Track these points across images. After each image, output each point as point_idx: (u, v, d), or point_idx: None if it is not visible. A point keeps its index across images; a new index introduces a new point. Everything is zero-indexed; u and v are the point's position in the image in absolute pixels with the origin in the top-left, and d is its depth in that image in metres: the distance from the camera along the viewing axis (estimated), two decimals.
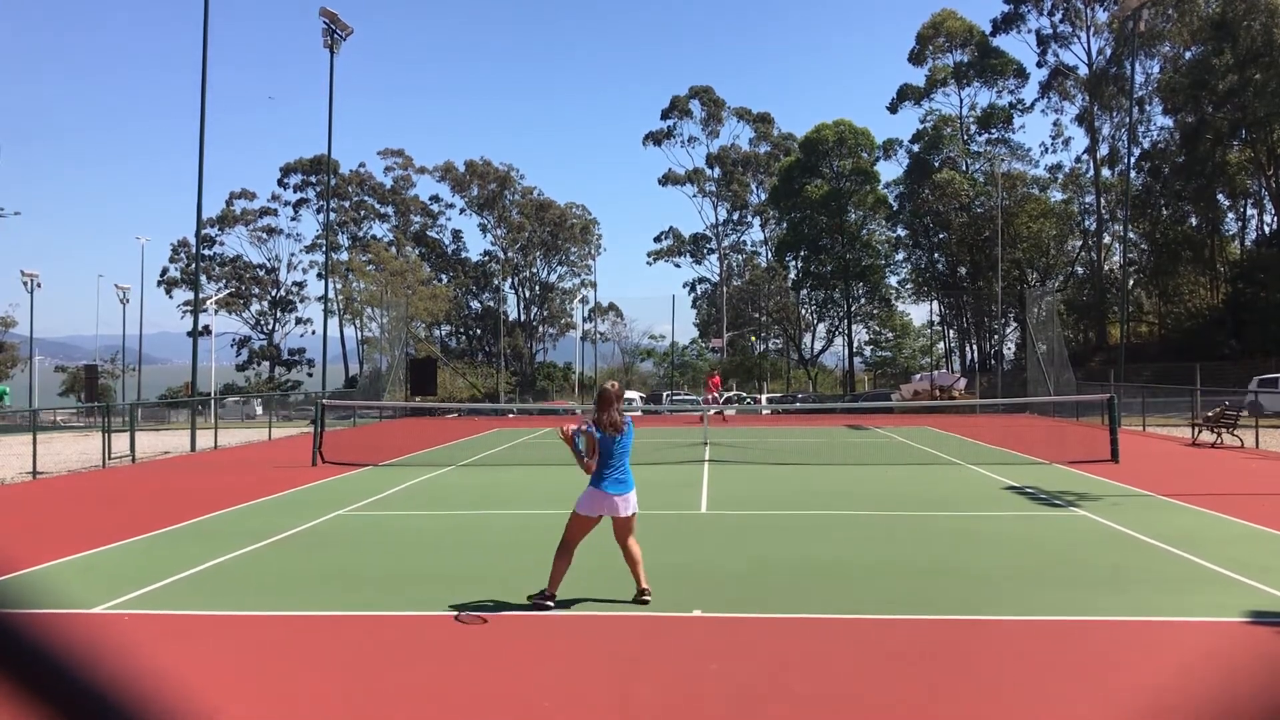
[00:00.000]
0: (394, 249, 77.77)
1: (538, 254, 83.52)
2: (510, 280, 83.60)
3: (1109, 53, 58.87)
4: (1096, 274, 61.68)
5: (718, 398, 36.44)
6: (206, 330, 64.67)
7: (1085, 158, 63.32)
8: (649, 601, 6.80)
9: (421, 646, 5.97)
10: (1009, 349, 64.43)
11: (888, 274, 72.71)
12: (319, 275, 78.82)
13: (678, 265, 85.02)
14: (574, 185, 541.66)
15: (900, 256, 71.58)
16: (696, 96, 79.65)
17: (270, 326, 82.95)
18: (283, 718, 4.82)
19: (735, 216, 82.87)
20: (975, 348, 69.39)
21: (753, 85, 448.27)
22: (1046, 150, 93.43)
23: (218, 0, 52.17)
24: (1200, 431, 21.11)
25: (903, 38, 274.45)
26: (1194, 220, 56.54)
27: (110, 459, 19.03)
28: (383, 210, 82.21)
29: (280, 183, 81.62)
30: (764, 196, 79.18)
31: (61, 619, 6.63)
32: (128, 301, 70.50)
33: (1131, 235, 52.82)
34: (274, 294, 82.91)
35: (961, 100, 66.47)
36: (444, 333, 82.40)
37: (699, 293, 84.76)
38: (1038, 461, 16.92)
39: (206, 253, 77.77)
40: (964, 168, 63.40)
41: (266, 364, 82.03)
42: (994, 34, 64.25)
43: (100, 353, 79.02)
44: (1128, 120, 48.09)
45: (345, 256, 76.05)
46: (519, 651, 5.80)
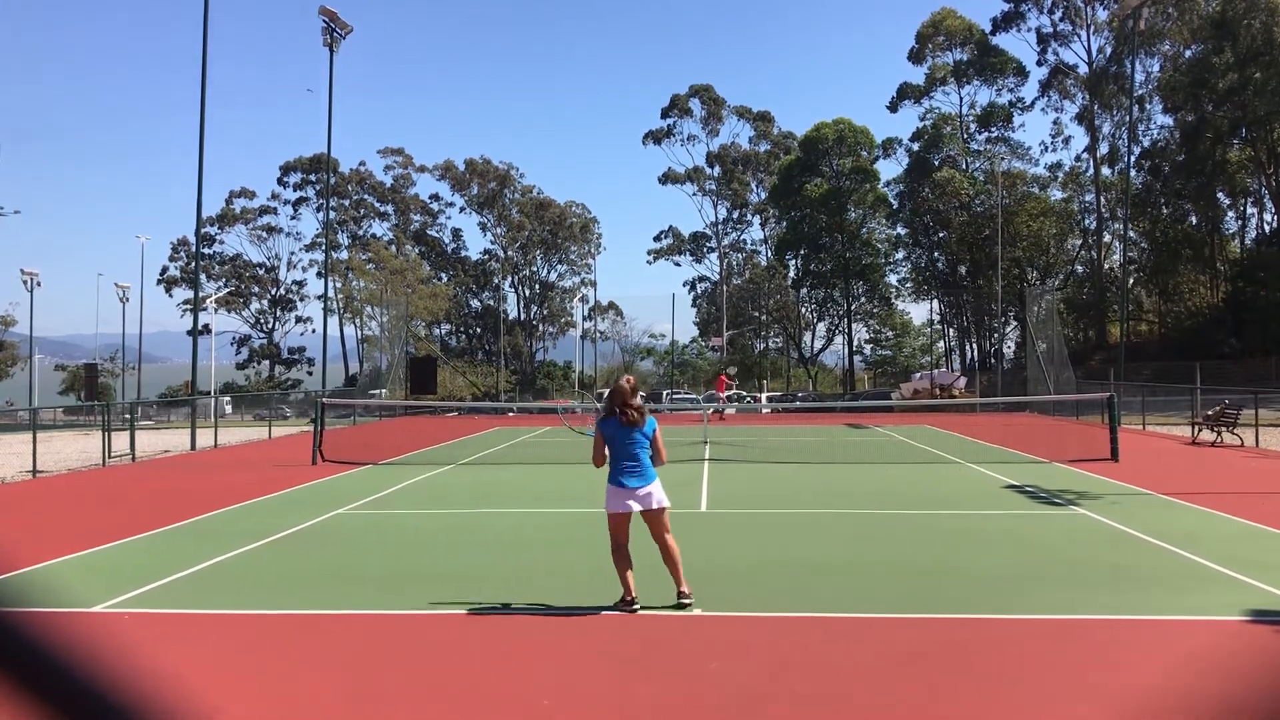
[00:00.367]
0: (394, 248, 77.75)
1: (537, 253, 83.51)
2: (510, 279, 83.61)
3: (1109, 51, 58.90)
4: (1096, 273, 61.69)
5: (724, 397, 36.54)
6: (206, 329, 64.75)
7: (1085, 156, 63.35)
8: (688, 605, 6.55)
9: (421, 646, 5.97)
10: (1009, 348, 64.47)
11: (888, 273, 72.74)
12: (319, 274, 78.84)
13: (678, 264, 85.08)
14: (574, 184, 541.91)
15: (900, 255, 71.61)
16: (696, 95, 79.61)
17: (270, 325, 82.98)
18: (282, 717, 4.82)
19: (735, 215, 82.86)
20: (975, 346, 69.40)
21: (753, 84, 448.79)
22: (1046, 149, 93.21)
23: None
24: (1200, 430, 21.11)
25: (902, 36, 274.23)
26: (1194, 219, 56.56)
27: (110, 458, 19.04)
28: (382, 209, 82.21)
29: (280, 181, 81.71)
30: (764, 195, 79.16)
31: (61, 618, 6.63)
32: (127, 300, 70.55)
33: (1131, 234, 52.83)
34: (274, 293, 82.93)
35: (961, 99, 66.52)
36: (444, 331, 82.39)
37: (699, 291, 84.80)
38: (1037, 460, 16.92)
39: (206, 251, 77.77)
40: (964, 166, 63.39)
41: (266, 363, 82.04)
42: (994, 33, 64.27)
43: (100, 351, 79.01)
44: (1128, 119, 48.11)
45: (345, 255, 76.05)
46: (519, 651, 5.80)
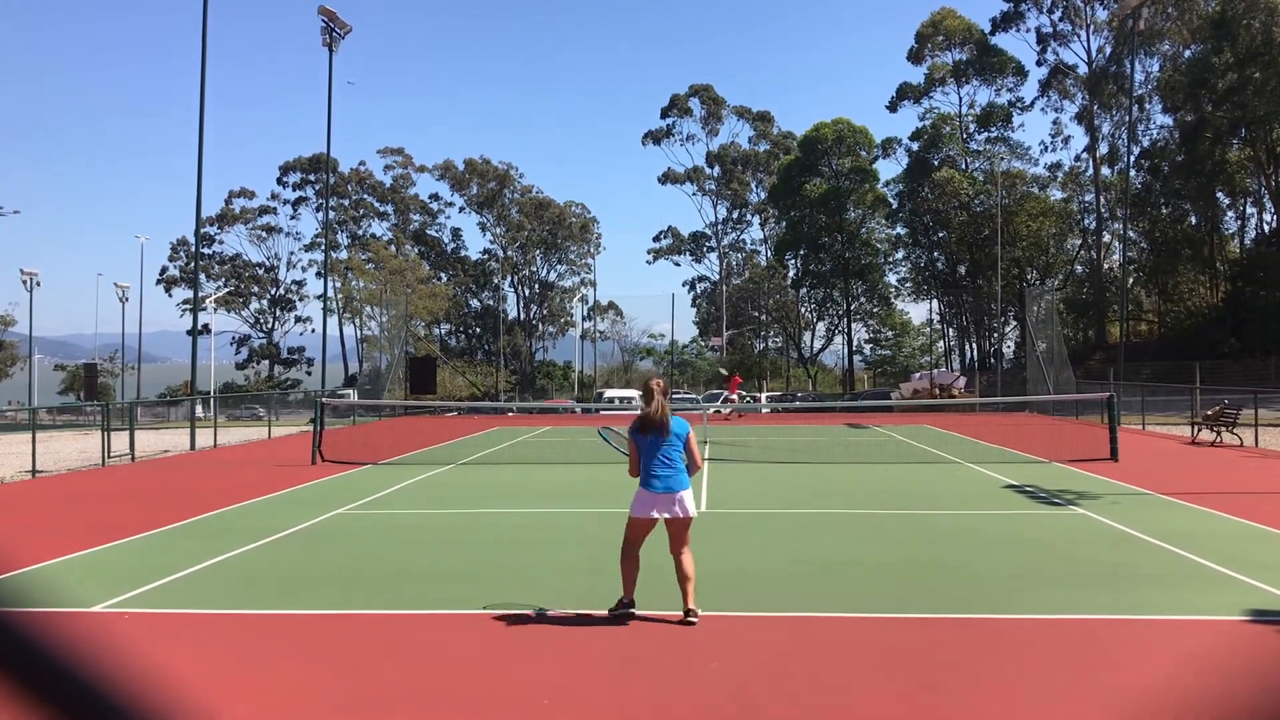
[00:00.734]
0: (393, 247, 77.75)
1: (537, 252, 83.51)
2: (510, 279, 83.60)
3: (1109, 51, 58.93)
4: (1096, 272, 61.71)
5: (737, 397, 36.57)
6: (206, 329, 64.78)
7: (1085, 156, 63.37)
8: (694, 624, 6.27)
9: (421, 646, 5.97)
10: (1008, 347, 64.50)
11: (887, 272, 72.78)
12: (318, 274, 78.90)
13: (677, 264, 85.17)
14: (573, 184, 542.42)
15: (900, 255, 71.65)
16: (696, 95, 79.65)
17: (270, 325, 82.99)
18: (282, 717, 4.82)
19: (735, 215, 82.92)
20: (975, 346, 69.42)
21: (752, 84, 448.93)
22: (1046, 149, 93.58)
23: None
24: (1200, 430, 21.11)
25: (902, 36, 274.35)
26: (1194, 219, 56.59)
27: (110, 458, 19.03)
28: (382, 209, 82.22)
29: (279, 181, 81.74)
30: (763, 195, 79.19)
31: (61, 618, 6.62)
32: (127, 300, 70.50)
33: (1131, 234, 52.85)
34: (273, 293, 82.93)
35: (961, 99, 66.55)
36: (443, 331, 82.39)
37: (699, 291, 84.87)
38: (1037, 460, 16.92)
39: (206, 251, 77.76)
40: (963, 166, 63.41)
41: (266, 362, 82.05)
42: (993, 32, 64.31)
43: (99, 351, 79.07)
44: (1127, 119, 48.11)
45: (345, 255, 76.06)
46: (519, 651, 5.80)
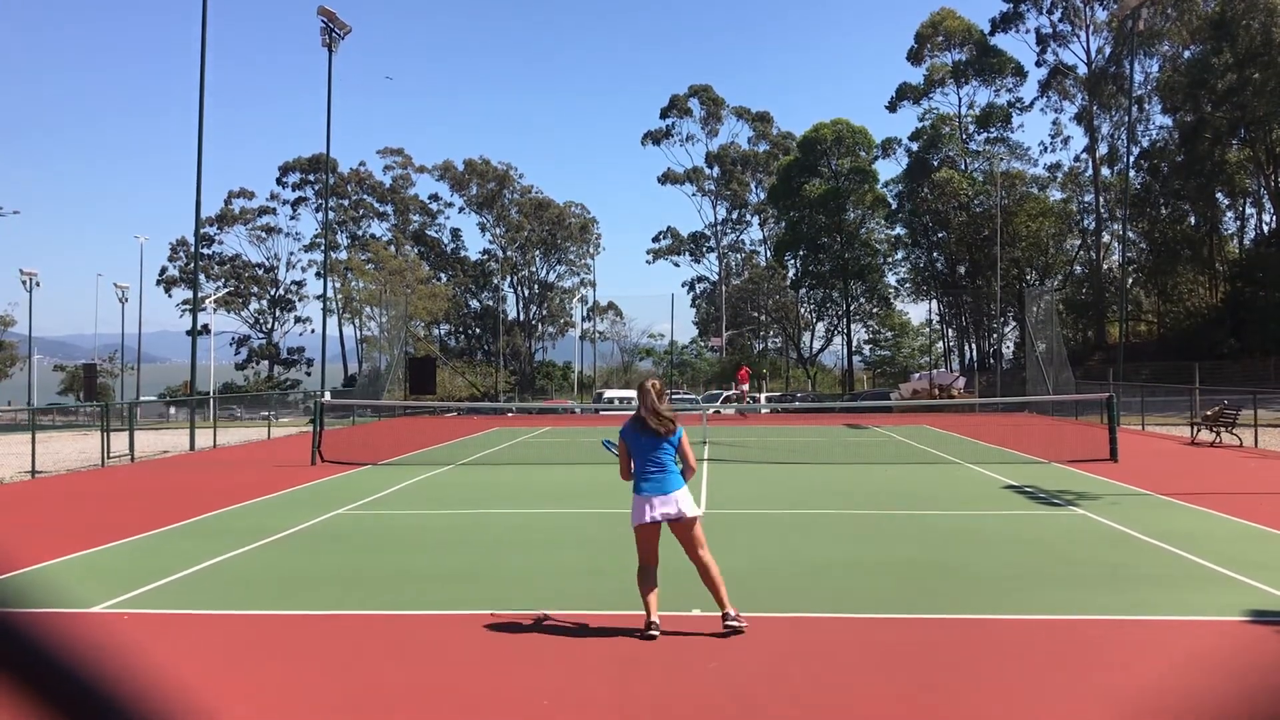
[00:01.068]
0: (393, 248, 77.73)
1: (537, 253, 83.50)
2: (509, 279, 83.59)
3: (1108, 52, 58.93)
4: (1095, 273, 61.72)
5: (746, 390, 36.57)
6: (206, 329, 64.78)
7: (1084, 157, 63.40)
8: (739, 629, 5.94)
9: (421, 645, 5.97)
10: (1008, 348, 64.52)
11: (886, 273, 72.79)
12: (318, 274, 78.88)
13: (677, 264, 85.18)
14: (573, 184, 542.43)
15: (899, 255, 71.66)
16: (695, 95, 79.68)
17: (269, 325, 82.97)
18: (282, 717, 4.82)
19: (734, 215, 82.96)
20: (974, 347, 69.43)
21: (752, 84, 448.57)
22: (1045, 149, 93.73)
23: None
24: (1199, 430, 21.12)
25: (902, 37, 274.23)
26: (1193, 219, 56.59)
27: (109, 458, 19.02)
28: (382, 209, 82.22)
29: (279, 181, 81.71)
30: (763, 195, 79.21)
31: (60, 618, 6.61)
32: (127, 300, 70.46)
33: (1130, 234, 52.85)
34: (273, 293, 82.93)
35: (960, 99, 66.57)
36: (443, 332, 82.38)
37: (698, 292, 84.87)
38: (1037, 460, 16.92)
39: (205, 252, 77.74)
40: (963, 167, 63.43)
41: (265, 363, 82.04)
42: (993, 33, 64.31)
43: (99, 351, 79.02)
44: (1127, 119, 48.12)
45: (344, 255, 76.04)
46: (518, 651, 5.80)
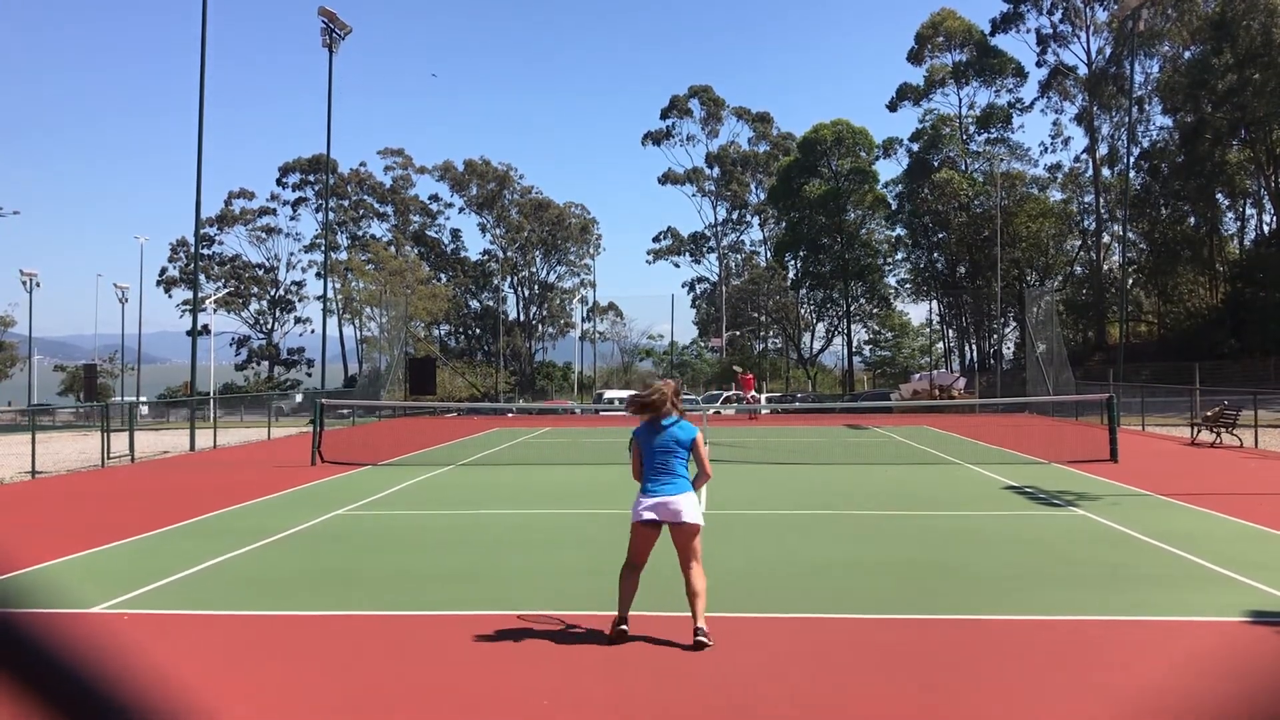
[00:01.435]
0: (393, 248, 77.73)
1: (537, 253, 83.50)
2: (509, 279, 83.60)
3: (1108, 52, 58.93)
4: (1095, 273, 61.71)
5: (754, 396, 36.61)
6: (206, 330, 64.79)
7: (1084, 157, 63.39)
8: (705, 645, 5.72)
9: (420, 646, 5.97)
10: (1008, 348, 64.50)
11: (887, 273, 72.78)
12: (318, 275, 78.87)
13: (677, 265, 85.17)
14: (573, 184, 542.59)
15: (899, 256, 71.65)
16: (696, 96, 79.68)
17: (269, 326, 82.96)
18: (282, 717, 4.82)
19: (734, 216, 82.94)
20: (974, 347, 69.42)
21: (752, 84, 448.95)
22: (1046, 150, 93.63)
23: None
24: (1199, 431, 21.12)
25: (902, 37, 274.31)
26: (1193, 220, 56.57)
27: (109, 458, 19.02)
28: (382, 210, 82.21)
29: (279, 182, 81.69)
30: (763, 196, 79.20)
31: (60, 619, 6.62)
32: (127, 301, 70.44)
33: (1130, 235, 52.85)
34: (273, 293, 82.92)
35: (960, 100, 66.55)
36: (443, 332, 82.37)
37: (698, 292, 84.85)
38: (1037, 461, 16.92)
39: (205, 252, 77.74)
40: (963, 167, 63.42)
41: (265, 363, 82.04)
42: (993, 33, 64.30)
43: (99, 352, 78.97)
44: (1127, 120, 48.13)
45: (344, 256, 76.04)
46: (518, 651, 5.80)
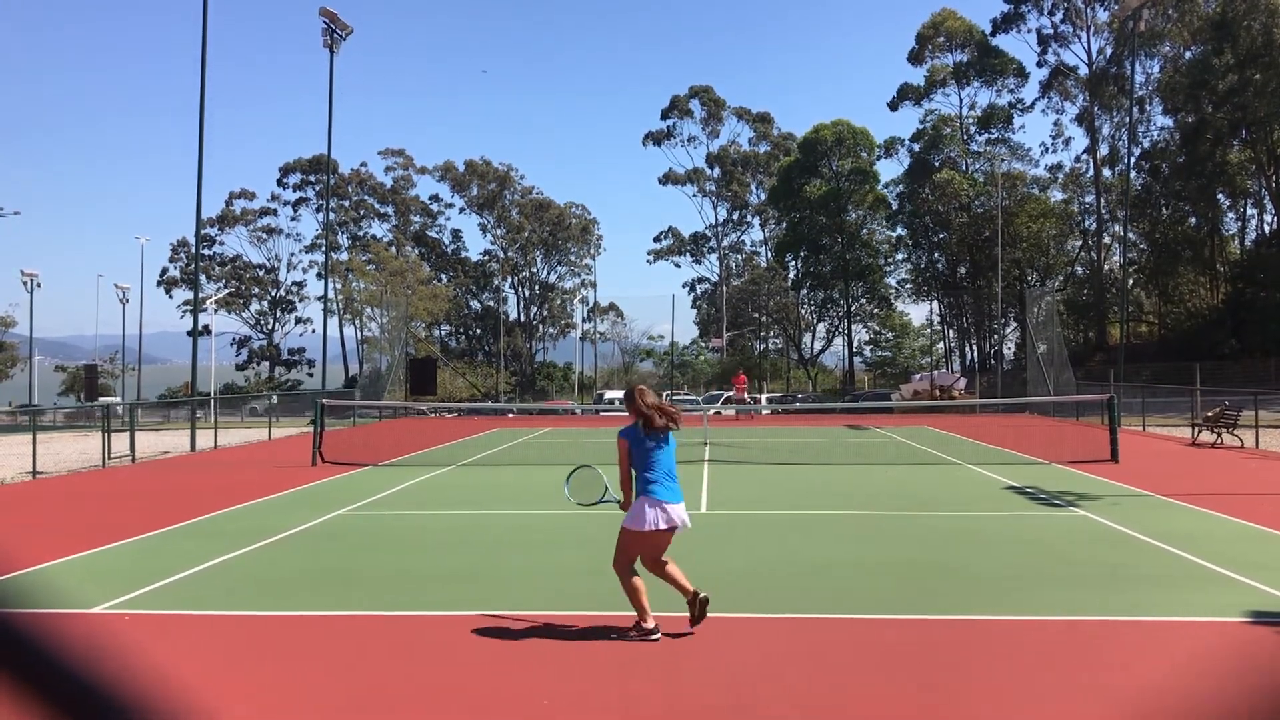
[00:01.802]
0: (394, 249, 77.77)
1: (537, 254, 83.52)
2: (510, 280, 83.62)
3: (1109, 52, 58.92)
4: (1096, 274, 61.70)
5: (745, 397, 36.65)
6: (206, 330, 64.73)
7: (1085, 157, 63.38)
8: (657, 639, 5.95)
9: (421, 646, 5.97)
10: (1009, 349, 64.48)
11: (887, 274, 72.77)
12: (319, 275, 78.88)
13: (677, 265, 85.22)
14: (574, 185, 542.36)
15: (900, 256, 71.64)
16: (696, 96, 79.70)
17: (270, 326, 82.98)
18: (282, 717, 4.82)
19: (735, 216, 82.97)
20: (975, 347, 69.41)
21: (752, 85, 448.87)
22: (1046, 150, 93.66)
23: None
24: (1200, 431, 21.11)
25: (903, 37, 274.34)
26: (1194, 220, 56.55)
27: (110, 459, 19.03)
28: (383, 210, 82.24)
29: (280, 182, 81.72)
30: (764, 196, 79.21)
31: (61, 619, 6.63)
32: (127, 301, 70.51)
33: (1131, 235, 52.84)
34: (274, 294, 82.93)
35: (961, 100, 66.54)
36: (444, 332, 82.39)
37: (699, 292, 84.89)
38: (1038, 461, 16.92)
39: (206, 252, 77.78)
40: (964, 167, 63.40)
41: (266, 364, 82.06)
42: (994, 34, 64.28)
43: (100, 352, 79.01)
44: (1128, 120, 48.13)
45: (345, 256, 76.06)
46: (518, 651, 5.80)
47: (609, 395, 48.73)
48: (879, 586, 7.49)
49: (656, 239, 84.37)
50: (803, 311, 76.80)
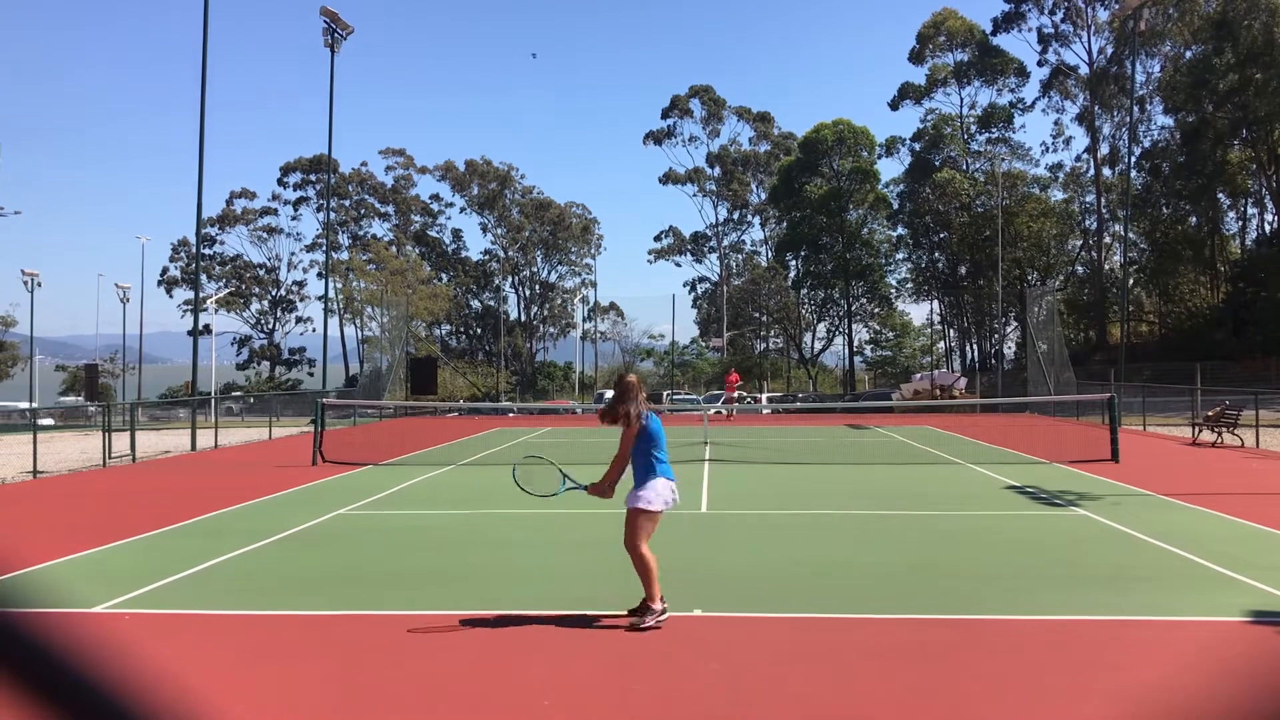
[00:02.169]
0: (394, 248, 77.76)
1: (538, 253, 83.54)
2: (510, 279, 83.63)
3: (1110, 52, 58.94)
4: (1097, 273, 61.71)
5: (734, 396, 36.68)
6: (207, 329, 64.75)
7: (1086, 157, 63.40)
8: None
9: (421, 645, 5.97)
10: (1009, 348, 64.51)
11: (888, 273, 72.77)
12: (319, 274, 78.86)
13: (678, 264, 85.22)
14: (574, 184, 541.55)
15: (901, 256, 71.65)
16: (696, 96, 79.68)
17: (270, 326, 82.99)
18: (282, 717, 4.82)
19: (735, 216, 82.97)
20: (975, 347, 69.42)
21: (753, 84, 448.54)
22: (1047, 149, 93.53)
23: None
24: (1200, 431, 21.10)
25: (903, 36, 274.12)
26: (1194, 219, 56.57)
27: (111, 458, 19.04)
28: (383, 209, 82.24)
29: (280, 182, 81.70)
30: (764, 196, 79.22)
31: (62, 618, 6.63)
32: (128, 301, 70.50)
33: (1132, 235, 52.83)
34: (274, 293, 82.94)
35: (962, 99, 66.56)
36: (444, 332, 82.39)
37: (699, 292, 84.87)
38: (1038, 461, 16.91)
39: (207, 252, 77.79)
40: (965, 167, 63.40)
41: (267, 363, 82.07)
42: (994, 33, 64.30)
43: (101, 352, 79.00)
44: (1128, 119, 48.14)
45: (346, 256, 76.06)
46: (518, 651, 5.80)
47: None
48: (879, 586, 7.48)
49: (657, 238, 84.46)
50: (803, 311, 76.81)
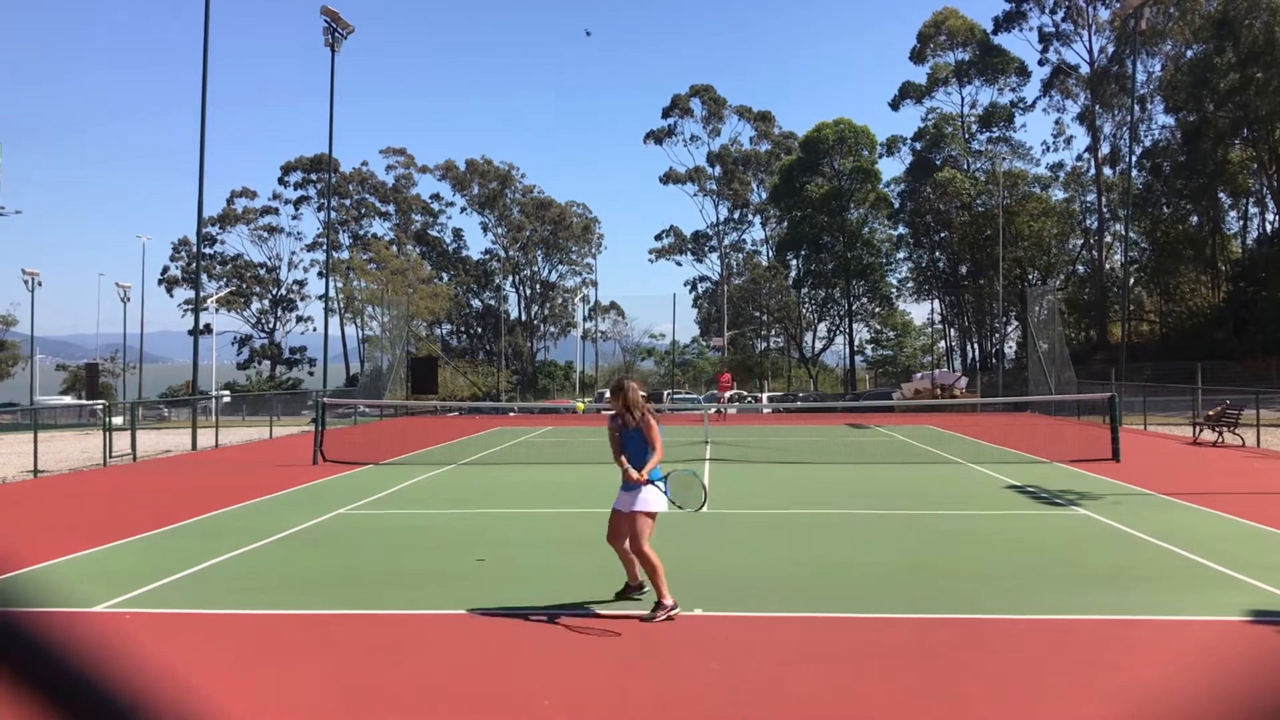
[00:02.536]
0: (395, 247, 77.76)
1: (538, 253, 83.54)
2: (511, 279, 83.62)
3: (1111, 51, 58.92)
4: (1098, 273, 61.69)
5: (723, 396, 36.76)
6: (207, 329, 64.75)
7: (1087, 156, 63.37)
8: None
9: (421, 645, 5.97)
10: (1010, 348, 64.49)
11: (889, 273, 72.76)
12: (320, 274, 78.85)
13: (679, 264, 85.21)
14: (575, 184, 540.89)
15: (901, 255, 71.65)
16: (697, 95, 79.65)
17: (271, 325, 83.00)
18: (282, 716, 4.82)
19: (736, 215, 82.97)
20: (976, 346, 69.40)
21: (753, 83, 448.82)
22: (1048, 149, 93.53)
23: None
24: (1201, 430, 21.10)
25: (904, 36, 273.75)
26: (1195, 219, 56.56)
27: (111, 458, 19.04)
28: (384, 209, 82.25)
29: (281, 181, 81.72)
30: (765, 195, 79.20)
31: (62, 618, 6.62)
32: (129, 300, 70.44)
33: (1133, 234, 52.82)
34: (275, 292, 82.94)
35: (963, 99, 66.55)
36: (445, 331, 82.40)
37: (700, 291, 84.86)
38: (1039, 460, 16.91)
39: (207, 251, 77.79)
40: (965, 166, 63.38)
41: (267, 363, 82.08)
42: (995, 32, 64.28)
43: (101, 351, 78.99)
44: (1129, 119, 48.11)
45: (346, 255, 76.09)
46: (518, 651, 5.80)
47: (608, 395, 48.76)
48: (880, 586, 7.48)
49: (658, 238, 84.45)
50: (804, 310, 76.80)
